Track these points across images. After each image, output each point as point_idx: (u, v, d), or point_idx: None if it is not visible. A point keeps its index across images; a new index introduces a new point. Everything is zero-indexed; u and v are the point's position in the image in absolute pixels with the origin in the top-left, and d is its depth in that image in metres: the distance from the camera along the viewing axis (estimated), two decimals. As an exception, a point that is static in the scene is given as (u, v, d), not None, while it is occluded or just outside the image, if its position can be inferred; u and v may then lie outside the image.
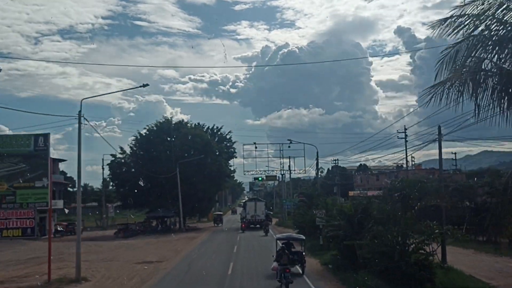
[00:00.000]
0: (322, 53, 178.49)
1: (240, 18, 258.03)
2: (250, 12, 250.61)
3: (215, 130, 69.64)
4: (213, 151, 62.68)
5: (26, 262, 29.75)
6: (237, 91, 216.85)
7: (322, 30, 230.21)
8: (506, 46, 10.51)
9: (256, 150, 67.80)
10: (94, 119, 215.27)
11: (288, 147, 65.35)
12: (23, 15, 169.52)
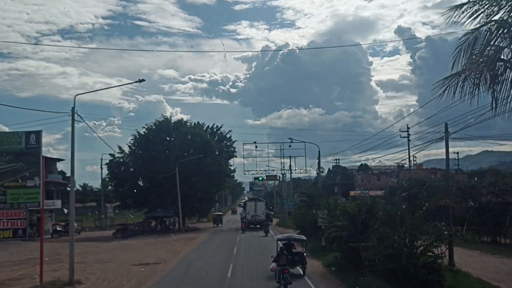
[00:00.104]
0: (322, 53, 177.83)
1: (240, 18, 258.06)
2: (250, 12, 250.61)
3: (214, 129, 68.85)
4: (212, 151, 61.93)
5: (21, 263, 29.10)
6: (237, 91, 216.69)
7: (322, 30, 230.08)
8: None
9: (256, 149, 66.89)
10: (95, 119, 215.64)
11: (289, 146, 64.52)
12: (23, 15, 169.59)
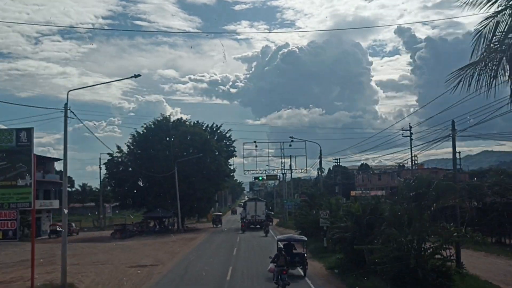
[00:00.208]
0: (322, 53, 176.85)
1: (240, 18, 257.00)
2: (250, 12, 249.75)
3: (214, 128, 68.09)
4: (212, 150, 61.16)
5: (15, 265, 28.33)
6: (237, 91, 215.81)
7: (322, 30, 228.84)
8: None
9: (256, 149, 66.02)
10: (95, 119, 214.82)
11: (290, 146, 63.69)
12: (23, 15, 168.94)
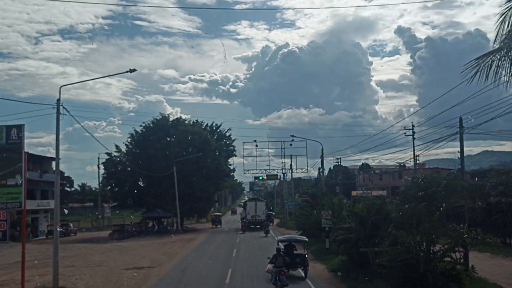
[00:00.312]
0: (322, 53, 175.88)
1: (240, 18, 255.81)
2: (250, 12, 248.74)
3: (214, 128, 67.32)
4: (212, 149, 60.38)
5: (8, 267, 27.56)
6: (237, 91, 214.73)
7: (322, 30, 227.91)
8: None
9: (256, 148, 65.12)
10: (95, 119, 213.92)
11: (290, 145, 62.88)
12: (24, 15, 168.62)
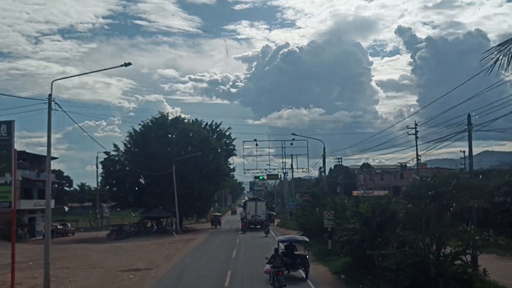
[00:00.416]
0: (322, 53, 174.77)
1: (240, 17, 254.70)
2: (250, 12, 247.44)
3: (213, 127, 66.50)
4: (211, 148, 59.59)
5: (1, 268, 26.68)
6: (237, 91, 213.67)
7: (323, 30, 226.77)
8: None
9: (256, 147, 64.10)
10: (95, 118, 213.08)
11: (291, 144, 62.04)
12: (24, 15, 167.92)
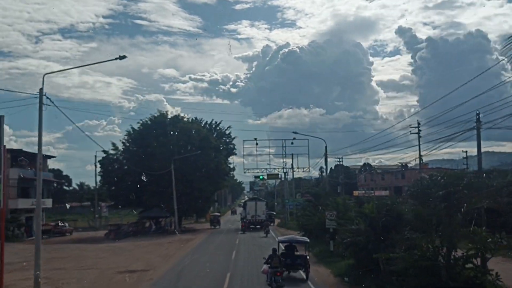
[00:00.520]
0: (323, 53, 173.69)
1: (241, 17, 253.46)
2: (251, 12, 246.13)
3: (213, 125, 65.75)
4: (211, 147, 58.86)
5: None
6: (237, 91, 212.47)
7: (323, 30, 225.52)
8: None
9: (257, 146, 63.19)
10: (95, 118, 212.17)
11: (292, 143, 61.26)
12: (24, 14, 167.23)
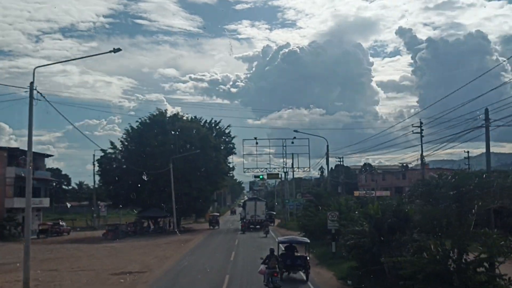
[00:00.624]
0: (323, 53, 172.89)
1: (241, 17, 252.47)
2: (251, 12, 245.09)
3: (213, 124, 65.00)
4: (210, 146, 58.12)
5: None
6: (237, 91, 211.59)
7: (324, 30, 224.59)
8: None
9: (257, 146, 62.34)
10: (95, 118, 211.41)
11: (292, 143, 60.49)
12: (25, 13, 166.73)
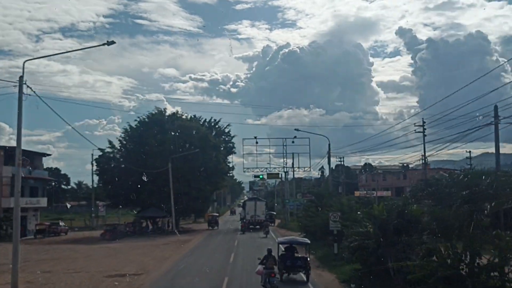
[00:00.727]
0: (323, 53, 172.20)
1: (241, 17, 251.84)
2: (251, 12, 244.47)
3: (212, 124, 64.31)
4: (210, 146, 57.44)
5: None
6: (237, 91, 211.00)
7: (324, 31, 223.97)
8: None
9: (257, 145, 61.57)
10: (95, 117, 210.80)
11: (292, 142, 59.72)
12: (25, 13, 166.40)
